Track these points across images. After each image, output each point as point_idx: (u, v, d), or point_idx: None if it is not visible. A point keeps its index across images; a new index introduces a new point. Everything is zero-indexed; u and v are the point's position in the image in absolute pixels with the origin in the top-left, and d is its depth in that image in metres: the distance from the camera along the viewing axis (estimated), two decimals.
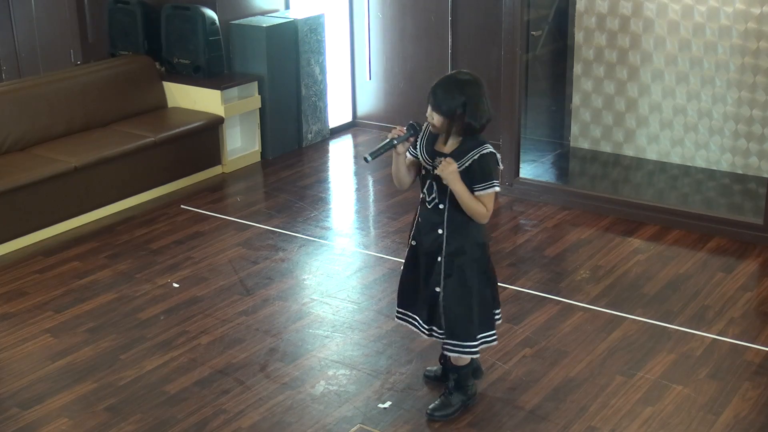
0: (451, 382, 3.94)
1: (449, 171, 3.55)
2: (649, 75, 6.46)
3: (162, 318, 4.80)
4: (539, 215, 6.01)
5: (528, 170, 6.47)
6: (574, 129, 6.89)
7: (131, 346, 4.54)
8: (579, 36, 6.68)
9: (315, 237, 5.75)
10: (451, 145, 3.65)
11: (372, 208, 6.30)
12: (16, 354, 4.50)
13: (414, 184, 3.84)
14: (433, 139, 3.70)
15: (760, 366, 4.26)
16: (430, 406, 3.93)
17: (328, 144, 7.49)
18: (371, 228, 5.95)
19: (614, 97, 6.65)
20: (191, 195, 6.48)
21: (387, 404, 4.01)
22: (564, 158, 6.98)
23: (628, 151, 6.70)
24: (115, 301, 4.99)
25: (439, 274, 3.73)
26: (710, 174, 6.38)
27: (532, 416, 3.92)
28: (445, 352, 3.87)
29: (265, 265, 5.37)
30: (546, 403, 4.00)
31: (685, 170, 6.47)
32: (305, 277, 5.27)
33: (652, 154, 6.60)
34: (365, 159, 3.61)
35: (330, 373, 4.27)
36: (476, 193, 3.62)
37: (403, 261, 3.92)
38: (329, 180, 6.82)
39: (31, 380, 4.26)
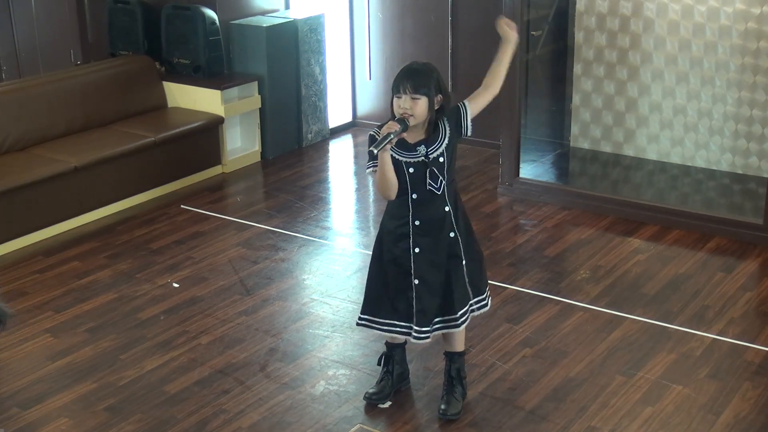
0: (454, 371, 3.92)
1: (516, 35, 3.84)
2: (649, 75, 6.46)
3: (162, 318, 4.80)
4: (539, 215, 6.01)
5: (528, 170, 6.47)
6: (574, 129, 6.88)
7: (131, 346, 4.54)
8: (579, 36, 6.68)
9: (315, 237, 5.75)
10: (426, 130, 3.67)
11: (372, 208, 6.30)
12: (16, 354, 4.50)
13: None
14: (402, 140, 3.65)
15: (760, 366, 4.26)
16: (441, 408, 3.90)
17: (328, 144, 7.49)
18: (371, 228, 5.95)
19: (614, 97, 6.65)
20: (191, 195, 6.48)
21: (387, 404, 4.01)
22: (564, 158, 6.98)
23: (628, 151, 6.70)
24: (115, 301, 4.99)
25: (460, 251, 3.75)
26: (710, 174, 6.38)
27: (532, 416, 3.92)
28: (476, 312, 3.88)
29: (265, 265, 5.37)
30: (546, 403, 4.00)
31: (685, 170, 6.47)
32: (305, 277, 5.27)
33: (652, 154, 6.60)
34: (370, 153, 3.59)
35: (330, 373, 4.27)
36: (466, 111, 3.71)
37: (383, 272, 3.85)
38: (329, 180, 6.82)
39: (31, 380, 4.26)
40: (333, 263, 5.42)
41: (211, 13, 6.86)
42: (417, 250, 3.74)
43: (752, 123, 6.15)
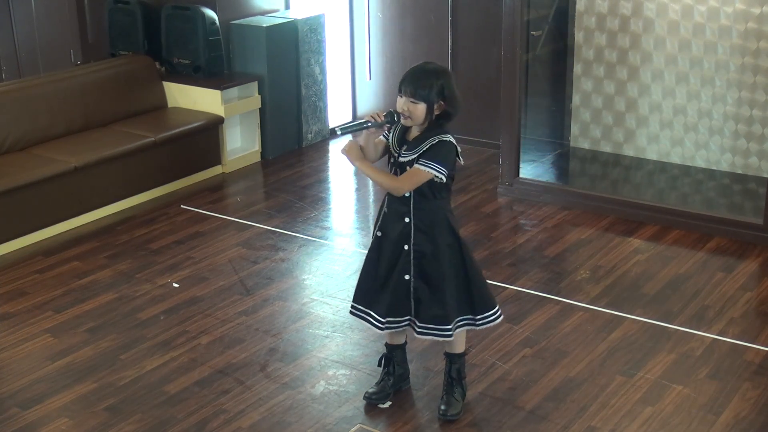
0: (455, 372, 3.92)
1: (347, 148, 3.65)
2: (649, 75, 6.46)
3: (162, 318, 4.81)
4: (539, 215, 6.01)
5: (528, 170, 6.47)
6: (574, 129, 6.88)
7: (131, 346, 4.54)
8: (579, 36, 6.68)
9: (315, 237, 5.75)
10: (414, 133, 3.66)
11: (372, 208, 6.30)
12: (16, 354, 4.50)
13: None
14: (404, 129, 3.70)
15: (760, 366, 4.26)
16: (441, 408, 3.90)
17: (328, 144, 7.49)
18: (371, 228, 5.94)
19: (614, 97, 6.65)
20: (191, 195, 6.48)
21: (387, 404, 4.01)
22: (564, 158, 6.98)
23: (628, 151, 6.70)
24: (115, 301, 4.99)
25: (408, 263, 3.72)
26: (710, 174, 6.38)
27: (532, 416, 3.92)
28: (418, 336, 3.82)
29: (265, 265, 5.37)
30: (546, 403, 4.00)
31: (685, 170, 6.47)
32: (305, 277, 5.27)
33: (652, 154, 6.60)
34: (335, 131, 3.64)
35: (330, 373, 4.27)
36: (416, 165, 3.59)
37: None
38: (329, 180, 6.82)
39: (31, 380, 4.26)
40: (333, 263, 5.41)
41: (211, 13, 6.86)
42: (379, 233, 3.80)
43: (752, 123, 6.15)
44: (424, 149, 3.61)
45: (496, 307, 3.86)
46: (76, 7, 7.74)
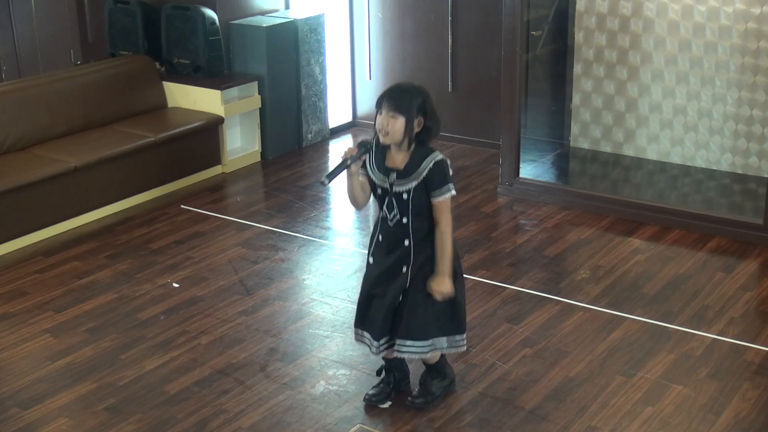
0: (426, 373, 3.98)
1: (443, 288, 3.67)
2: (649, 75, 6.46)
3: (162, 318, 4.81)
4: (539, 215, 6.01)
5: (528, 170, 6.47)
6: (574, 129, 6.88)
7: (131, 346, 4.54)
8: (579, 36, 6.68)
9: (315, 237, 5.75)
10: (402, 159, 3.66)
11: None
12: (16, 354, 4.50)
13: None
14: (382, 156, 3.70)
15: (760, 366, 4.26)
16: (412, 394, 3.97)
17: (328, 144, 7.49)
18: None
19: (614, 97, 6.65)
20: (191, 195, 6.48)
21: (387, 404, 4.01)
22: (564, 158, 6.98)
23: (628, 151, 6.70)
24: (115, 301, 4.99)
25: (405, 284, 3.74)
26: (710, 174, 6.38)
27: (532, 416, 3.92)
28: (397, 354, 3.83)
29: (265, 265, 5.37)
30: (546, 403, 4.00)
31: (685, 170, 6.47)
32: (305, 277, 5.27)
33: (652, 154, 6.60)
34: (322, 183, 3.62)
35: (330, 373, 4.27)
36: (433, 199, 3.64)
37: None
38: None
39: (31, 380, 4.26)
40: (333, 263, 5.42)
41: (211, 13, 6.86)
42: (371, 260, 3.84)
43: (752, 123, 6.15)
44: (424, 176, 3.62)
45: (464, 333, 3.91)
46: (76, 7, 7.75)
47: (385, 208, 3.72)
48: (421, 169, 3.63)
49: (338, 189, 6.66)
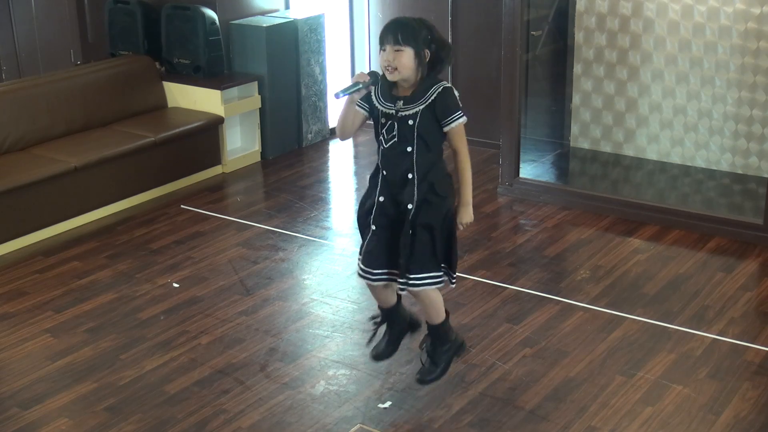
0: (428, 344, 3.91)
1: (469, 219, 3.71)
2: (649, 75, 6.46)
3: (162, 318, 4.81)
4: (539, 215, 6.01)
5: (528, 170, 6.47)
6: (574, 129, 6.89)
7: (131, 346, 4.54)
8: (579, 36, 6.68)
9: (315, 237, 5.75)
10: (409, 88, 3.62)
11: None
12: (16, 354, 4.50)
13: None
14: (388, 89, 3.65)
15: (760, 366, 4.26)
16: (418, 372, 3.92)
17: (328, 144, 7.49)
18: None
19: (614, 97, 6.65)
20: (191, 195, 6.48)
21: (387, 404, 4.01)
22: (564, 158, 6.98)
23: (628, 151, 6.70)
24: (115, 301, 4.99)
25: (414, 218, 3.66)
26: (710, 174, 6.38)
27: (532, 416, 3.92)
28: (411, 288, 3.74)
29: (265, 265, 5.37)
30: (546, 403, 4.00)
31: (685, 170, 6.47)
32: (305, 277, 5.27)
33: (652, 154, 6.60)
34: (336, 95, 3.61)
35: (330, 373, 4.27)
36: (446, 127, 3.61)
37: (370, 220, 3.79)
38: (329, 180, 6.82)
39: (31, 380, 4.26)
40: (333, 263, 5.42)
41: (211, 13, 6.86)
42: (381, 198, 3.73)
43: (752, 123, 6.15)
44: (431, 100, 3.57)
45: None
46: (76, 7, 7.75)
47: (383, 130, 3.64)
48: (429, 95, 3.58)
49: (338, 189, 6.66)
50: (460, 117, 3.62)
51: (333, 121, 7.66)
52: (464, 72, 7.18)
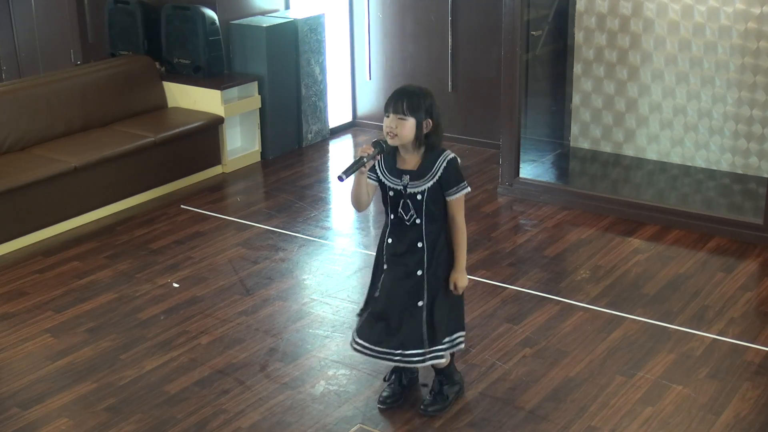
0: (436, 383, 3.97)
1: (464, 283, 3.77)
2: (649, 75, 6.46)
3: (162, 318, 4.81)
4: (539, 215, 6.01)
5: (528, 170, 6.47)
6: (574, 129, 6.89)
7: (131, 346, 4.54)
8: (579, 36, 6.68)
9: (315, 237, 5.75)
10: (415, 161, 3.69)
11: (372, 208, 6.29)
12: (16, 354, 4.50)
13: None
14: (392, 160, 3.72)
15: (760, 366, 4.26)
16: (424, 402, 3.95)
17: (328, 144, 7.49)
18: (371, 228, 5.95)
19: (614, 97, 6.65)
20: (191, 195, 6.48)
21: None
22: (564, 158, 6.98)
23: (628, 151, 6.70)
24: (115, 301, 4.99)
25: (422, 289, 3.74)
26: (710, 174, 6.38)
27: (532, 416, 3.92)
28: (429, 364, 3.82)
29: (265, 265, 5.37)
30: (546, 403, 4.00)
31: (685, 170, 6.47)
32: (305, 277, 5.27)
33: (652, 154, 6.60)
34: (340, 178, 3.61)
35: (330, 373, 4.27)
36: (450, 198, 3.69)
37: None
38: (329, 180, 6.82)
39: (31, 380, 4.26)
40: (333, 263, 5.42)
41: (211, 13, 6.86)
42: (385, 266, 3.81)
43: (752, 123, 6.15)
44: (438, 176, 3.65)
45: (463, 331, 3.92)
46: (76, 7, 7.75)
47: (400, 210, 3.73)
48: (435, 169, 3.66)
49: (338, 189, 6.66)
50: (464, 189, 3.72)
51: (333, 121, 7.67)
52: (464, 72, 7.18)
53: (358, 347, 3.86)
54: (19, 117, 6.12)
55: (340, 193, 6.58)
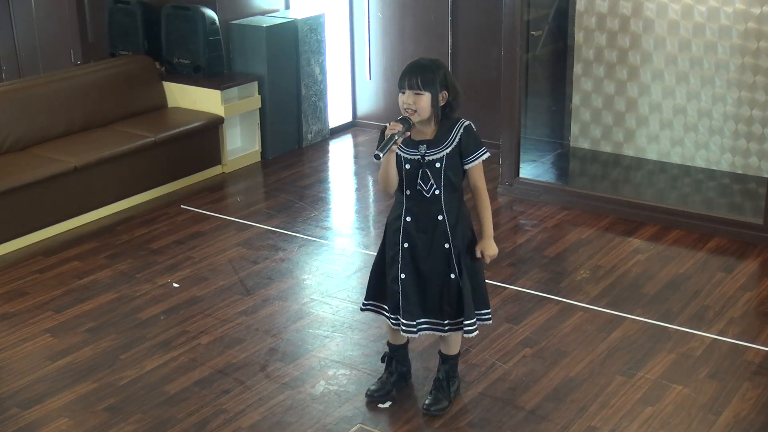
0: (442, 373, 3.96)
1: (493, 251, 3.76)
2: (649, 75, 6.46)
3: (162, 318, 4.81)
4: (539, 215, 6.01)
5: (528, 170, 6.47)
6: (574, 129, 6.89)
7: (131, 346, 4.54)
8: (579, 36, 6.68)
9: (315, 237, 5.75)
10: (431, 131, 3.67)
11: (372, 208, 6.30)
12: (16, 354, 4.50)
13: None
14: (408, 136, 3.67)
15: (760, 366, 4.26)
16: (425, 402, 3.94)
17: (328, 144, 7.49)
18: (371, 228, 5.95)
19: (614, 97, 6.65)
20: (191, 195, 6.48)
21: (387, 404, 4.01)
22: (564, 158, 6.98)
23: (628, 151, 6.70)
24: (115, 301, 4.99)
25: (452, 261, 3.71)
26: (710, 174, 6.38)
27: (532, 416, 3.92)
28: (465, 335, 3.81)
29: (265, 265, 5.37)
30: (546, 403, 4.00)
31: (685, 170, 6.47)
32: (305, 277, 5.27)
33: (652, 154, 6.60)
34: (377, 156, 3.54)
35: (330, 373, 4.27)
36: (469, 165, 3.67)
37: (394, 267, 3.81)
38: (329, 180, 6.82)
39: (31, 380, 4.26)
40: (333, 263, 5.42)
41: (211, 13, 6.86)
42: (405, 245, 3.75)
43: (752, 123, 6.15)
44: (457, 142, 3.63)
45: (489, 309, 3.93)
46: (76, 7, 7.74)
47: (420, 181, 3.66)
48: (453, 136, 3.64)
49: (338, 189, 6.66)
50: (484, 153, 3.70)
51: (333, 121, 7.67)
52: (464, 72, 7.18)
53: (406, 327, 3.79)
54: (19, 117, 6.12)
55: (340, 193, 6.58)
